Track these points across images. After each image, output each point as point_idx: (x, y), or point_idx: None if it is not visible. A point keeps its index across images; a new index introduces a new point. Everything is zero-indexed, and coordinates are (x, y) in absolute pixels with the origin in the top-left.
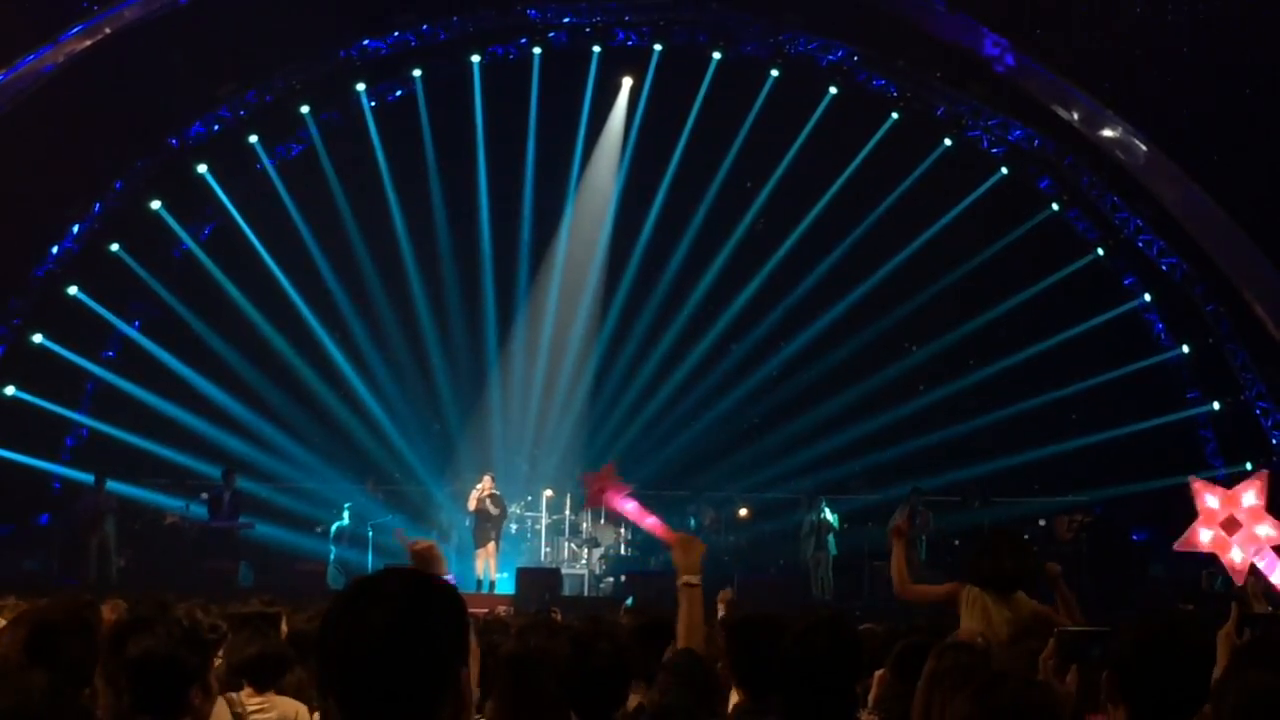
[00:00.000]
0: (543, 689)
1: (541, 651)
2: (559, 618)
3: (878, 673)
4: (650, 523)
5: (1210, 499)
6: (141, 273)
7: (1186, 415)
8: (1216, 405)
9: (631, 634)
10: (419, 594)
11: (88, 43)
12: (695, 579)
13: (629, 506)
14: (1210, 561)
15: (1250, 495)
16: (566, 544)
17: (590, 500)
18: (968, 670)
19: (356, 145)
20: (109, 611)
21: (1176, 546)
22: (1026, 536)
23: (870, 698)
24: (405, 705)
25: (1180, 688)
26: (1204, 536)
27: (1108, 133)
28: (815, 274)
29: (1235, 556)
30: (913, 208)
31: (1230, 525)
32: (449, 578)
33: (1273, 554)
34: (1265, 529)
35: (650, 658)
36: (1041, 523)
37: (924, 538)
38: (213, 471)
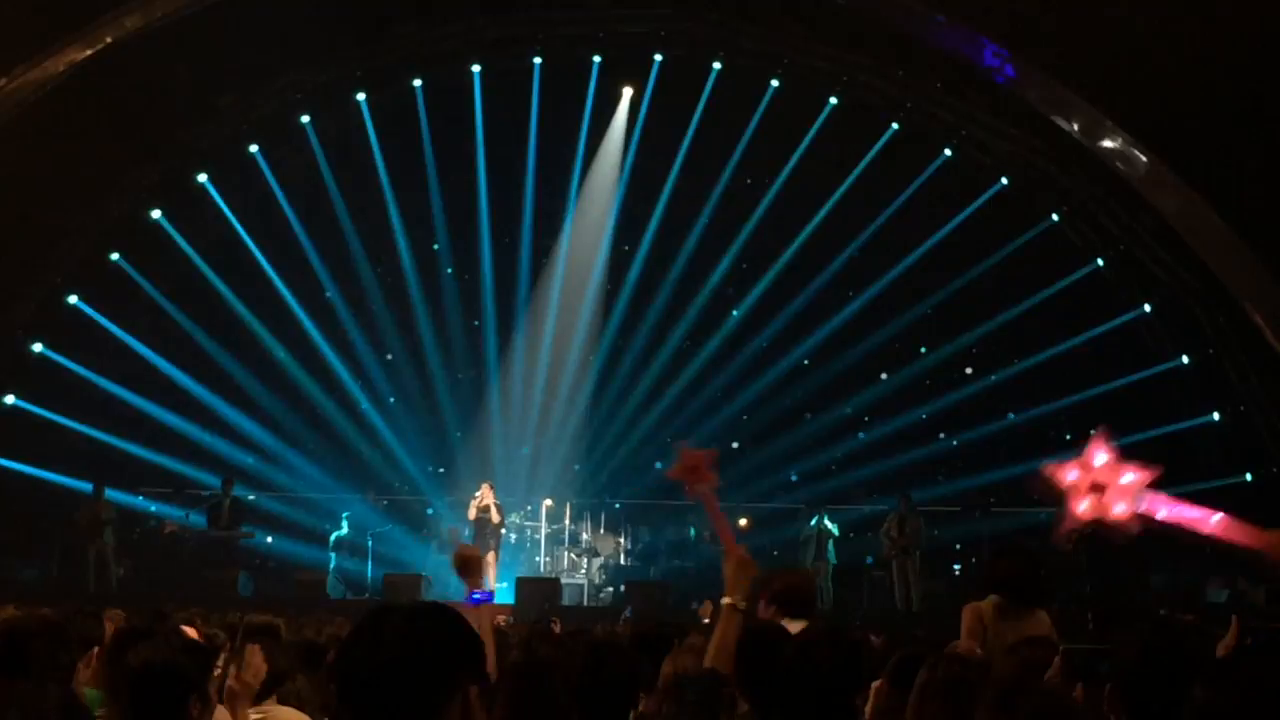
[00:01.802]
0: (549, 699)
1: (547, 661)
2: (558, 628)
3: (874, 684)
4: (722, 523)
5: (1069, 474)
6: (142, 281)
7: (1186, 426)
8: (1216, 416)
9: (630, 643)
10: (421, 628)
11: (88, 52)
12: (741, 603)
13: (710, 497)
14: (1212, 571)
15: (1099, 455)
16: (566, 553)
17: (675, 472)
18: (960, 682)
19: (357, 155)
20: (108, 623)
21: (1058, 533)
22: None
23: (868, 709)
24: None
25: (1181, 700)
26: (1081, 508)
27: (1108, 143)
28: (816, 284)
29: (1120, 510)
30: (913, 218)
31: (1097, 489)
32: (486, 589)
33: (1151, 494)
34: (1128, 476)
35: (648, 667)
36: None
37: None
38: (212, 480)
